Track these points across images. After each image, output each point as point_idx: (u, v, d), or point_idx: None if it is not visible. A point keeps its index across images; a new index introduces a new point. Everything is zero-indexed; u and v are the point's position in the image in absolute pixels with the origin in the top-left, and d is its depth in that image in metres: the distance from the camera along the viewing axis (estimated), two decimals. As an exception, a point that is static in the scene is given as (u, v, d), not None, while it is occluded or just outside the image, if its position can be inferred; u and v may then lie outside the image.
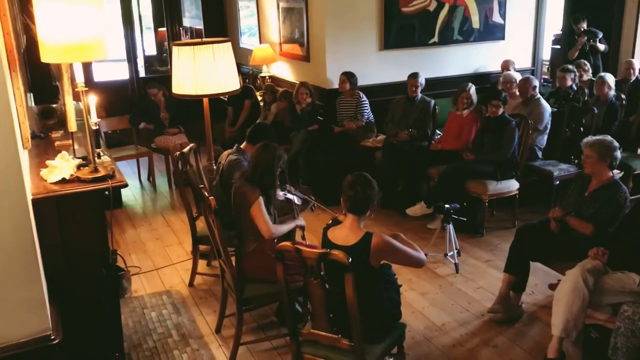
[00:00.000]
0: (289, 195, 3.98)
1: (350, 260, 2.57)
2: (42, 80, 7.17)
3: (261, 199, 3.48)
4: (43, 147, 3.69)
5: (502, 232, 5.24)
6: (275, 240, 3.54)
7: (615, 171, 3.89)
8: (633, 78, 6.28)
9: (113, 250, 3.61)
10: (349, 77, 6.31)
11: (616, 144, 3.73)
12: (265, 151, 3.61)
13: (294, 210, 3.99)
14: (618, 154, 3.72)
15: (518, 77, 6.24)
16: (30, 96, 5.63)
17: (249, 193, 3.50)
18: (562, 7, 8.02)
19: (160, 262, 4.91)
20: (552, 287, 4.00)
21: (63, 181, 2.94)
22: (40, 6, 2.66)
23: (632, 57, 6.77)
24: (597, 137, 3.80)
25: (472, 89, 5.72)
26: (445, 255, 4.68)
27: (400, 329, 3.06)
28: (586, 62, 6.67)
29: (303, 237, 4.07)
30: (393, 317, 3.02)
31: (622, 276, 3.28)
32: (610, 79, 5.82)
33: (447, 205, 4.49)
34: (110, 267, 3.42)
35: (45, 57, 2.73)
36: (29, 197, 2.61)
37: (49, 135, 3.95)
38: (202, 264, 4.68)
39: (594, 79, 6.24)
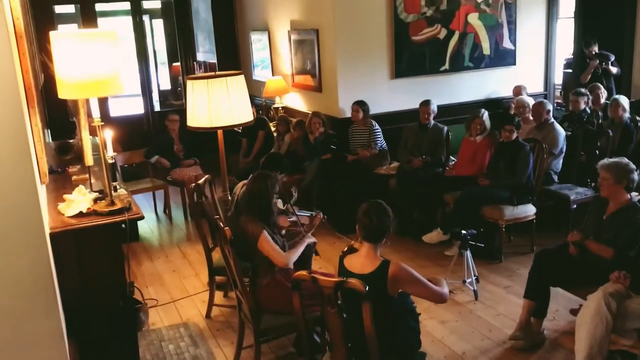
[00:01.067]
0: (293, 218, 3.95)
1: (367, 288, 2.55)
2: (59, 116, 7.32)
3: (266, 232, 3.42)
4: (60, 181, 3.74)
5: (520, 258, 5.17)
6: (292, 267, 3.51)
7: (634, 193, 3.84)
8: None
9: (130, 282, 3.61)
10: (361, 106, 6.35)
11: (632, 166, 3.69)
12: (258, 180, 3.56)
13: (302, 232, 3.96)
14: (635, 176, 3.68)
15: (531, 101, 6.23)
16: (48, 132, 5.73)
17: (251, 229, 3.44)
18: (573, 31, 8.04)
19: (177, 294, 4.91)
20: (574, 312, 3.92)
21: (80, 215, 2.97)
22: (57, 44, 2.73)
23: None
24: (613, 159, 3.77)
25: (485, 114, 5.72)
26: (464, 282, 4.63)
27: (420, 358, 3.02)
28: (600, 85, 6.65)
29: (316, 253, 4.02)
30: (412, 346, 2.98)
31: (646, 300, 3.22)
32: (624, 101, 5.79)
33: (464, 232, 4.45)
34: (128, 300, 3.43)
35: (63, 93, 2.79)
36: (47, 231, 2.64)
37: (66, 170, 4.01)
38: (218, 295, 4.66)
39: (607, 102, 6.22)
